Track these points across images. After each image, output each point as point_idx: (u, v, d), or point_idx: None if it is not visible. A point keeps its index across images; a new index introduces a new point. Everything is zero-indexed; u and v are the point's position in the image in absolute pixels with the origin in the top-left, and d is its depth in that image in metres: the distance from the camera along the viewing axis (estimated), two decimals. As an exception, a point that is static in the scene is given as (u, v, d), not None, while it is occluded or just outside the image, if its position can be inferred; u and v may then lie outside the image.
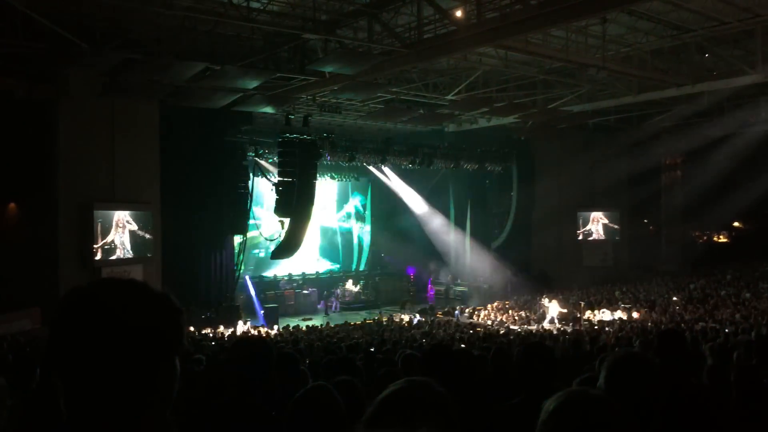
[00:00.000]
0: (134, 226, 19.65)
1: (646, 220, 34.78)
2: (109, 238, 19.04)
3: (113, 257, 19.16)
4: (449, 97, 21.83)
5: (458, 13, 15.20)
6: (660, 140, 30.77)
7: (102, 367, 1.12)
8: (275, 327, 21.50)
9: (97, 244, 18.70)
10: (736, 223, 34.92)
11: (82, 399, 1.13)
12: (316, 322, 22.93)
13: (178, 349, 1.22)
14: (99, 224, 18.77)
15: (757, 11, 16.38)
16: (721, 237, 35.83)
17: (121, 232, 19.32)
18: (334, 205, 31.02)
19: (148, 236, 19.92)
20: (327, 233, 30.60)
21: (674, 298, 23.22)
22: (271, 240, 25.24)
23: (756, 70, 18.02)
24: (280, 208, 22.49)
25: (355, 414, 2.08)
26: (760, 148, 25.34)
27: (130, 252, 19.59)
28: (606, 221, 31.05)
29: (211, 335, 18.15)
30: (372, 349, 10.06)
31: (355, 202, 31.86)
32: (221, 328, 19.81)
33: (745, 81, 19.16)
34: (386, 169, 28.56)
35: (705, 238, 36.10)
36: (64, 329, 1.15)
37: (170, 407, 1.20)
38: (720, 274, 27.13)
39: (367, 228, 32.28)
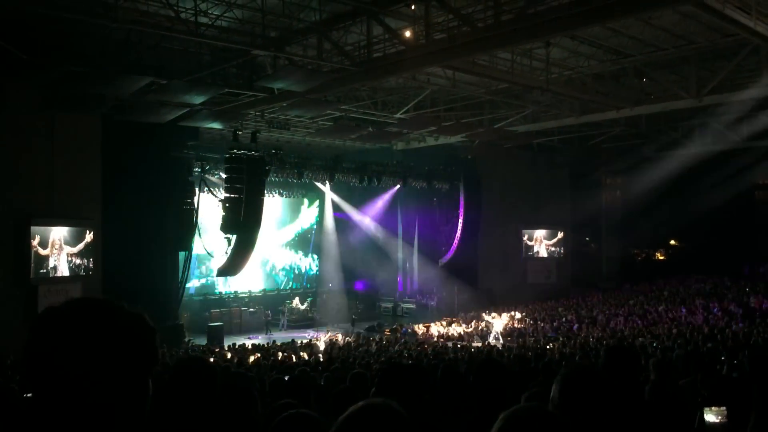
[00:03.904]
0: (73, 244, 19.04)
1: (587, 238, 35.79)
2: (46, 256, 18.39)
3: (52, 275, 18.50)
4: (398, 115, 22.04)
5: (407, 34, 15.44)
6: (600, 160, 31.85)
7: (77, 387, 1.12)
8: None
9: (33, 261, 18.04)
10: (672, 241, 36.29)
11: (54, 416, 1.12)
12: (262, 341, 22.59)
13: (152, 369, 1.22)
14: (36, 241, 18.12)
15: (691, 39, 17.19)
16: (658, 254, 37.15)
17: (58, 249, 18.68)
18: (282, 223, 30.68)
19: (88, 254, 19.31)
20: (273, 251, 30.22)
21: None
22: (214, 256, 24.69)
23: (690, 94, 18.87)
24: (227, 225, 22.16)
25: None
26: (694, 169, 26.44)
27: (68, 270, 18.95)
28: (548, 240, 31.73)
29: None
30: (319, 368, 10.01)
31: (303, 220, 31.59)
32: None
33: (681, 105, 20.04)
34: (334, 186, 28.61)
35: (643, 255, 37.37)
36: (40, 349, 1.14)
37: (142, 426, 1.20)
38: (658, 290, 28.05)
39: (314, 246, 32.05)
